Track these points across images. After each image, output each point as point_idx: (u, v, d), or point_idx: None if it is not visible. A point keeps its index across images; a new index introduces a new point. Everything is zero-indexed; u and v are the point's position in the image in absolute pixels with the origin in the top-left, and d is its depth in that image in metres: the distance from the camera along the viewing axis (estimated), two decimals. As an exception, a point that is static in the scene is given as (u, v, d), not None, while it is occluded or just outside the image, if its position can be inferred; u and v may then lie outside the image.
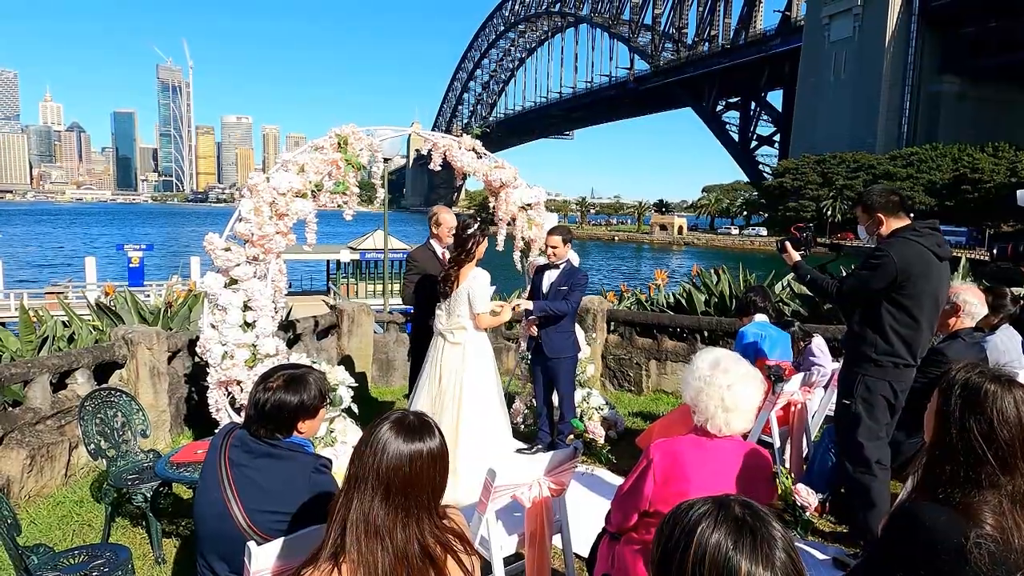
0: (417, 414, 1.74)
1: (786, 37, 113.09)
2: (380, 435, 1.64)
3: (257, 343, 4.80)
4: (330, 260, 35.03)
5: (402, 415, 1.70)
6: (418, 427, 1.68)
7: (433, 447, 1.68)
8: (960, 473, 1.54)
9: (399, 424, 1.67)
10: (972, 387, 1.59)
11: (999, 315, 4.30)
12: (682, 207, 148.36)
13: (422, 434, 1.67)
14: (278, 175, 4.90)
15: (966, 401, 1.58)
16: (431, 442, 1.68)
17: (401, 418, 1.69)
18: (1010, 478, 1.50)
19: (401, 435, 1.65)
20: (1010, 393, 1.55)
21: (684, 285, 8.75)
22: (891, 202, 3.36)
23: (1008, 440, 1.51)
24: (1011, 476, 1.50)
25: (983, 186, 73.56)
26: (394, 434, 1.64)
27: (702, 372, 2.26)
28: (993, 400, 1.54)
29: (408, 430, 1.66)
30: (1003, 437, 1.51)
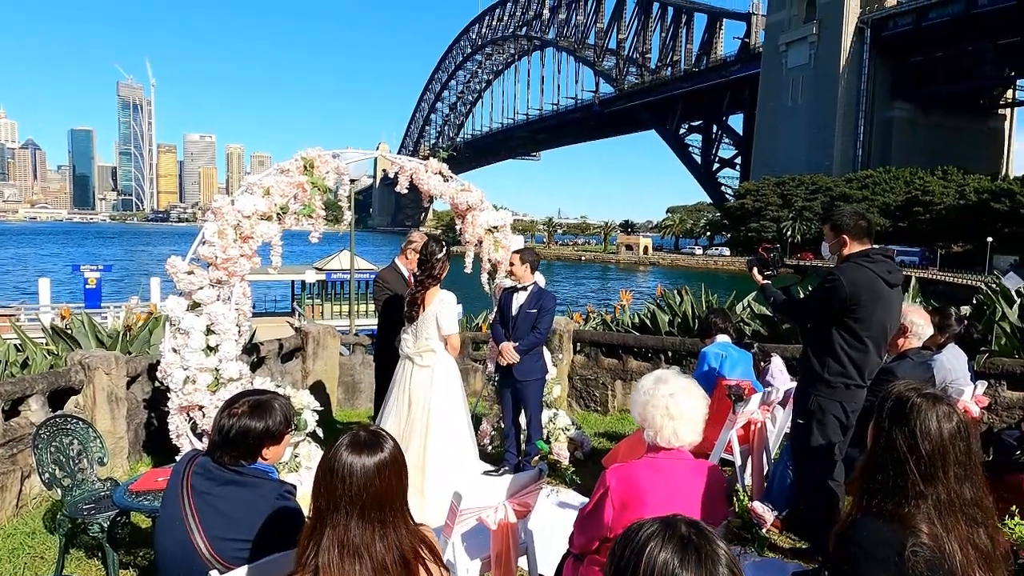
0: (363, 427, 1.79)
1: (745, 63, 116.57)
2: (343, 461, 1.67)
3: (220, 367, 4.74)
4: (295, 281, 34.54)
5: (352, 435, 1.75)
6: (373, 439, 1.74)
7: (394, 453, 1.75)
8: (889, 483, 1.64)
9: (355, 444, 1.71)
10: (900, 401, 1.70)
11: (945, 335, 4.48)
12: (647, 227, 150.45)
13: (380, 444, 1.73)
14: (243, 198, 4.88)
15: (894, 414, 1.69)
16: (390, 449, 1.74)
17: (354, 438, 1.74)
18: (933, 488, 1.60)
19: (363, 453, 1.69)
20: (934, 409, 1.65)
21: (648, 306, 8.90)
22: (859, 226, 3.47)
23: (929, 452, 1.61)
24: (934, 486, 1.60)
25: (934, 208, 76.29)
26: (355, 455, 1.68)
27: (646, 387, 2.37)
28: (917, 414, 1.65)
29: (366, 446, 1.72)
30: (925, 449, 1.62)
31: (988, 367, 5.58)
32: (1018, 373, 5.58)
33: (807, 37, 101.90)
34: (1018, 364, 5.63)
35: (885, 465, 1.67)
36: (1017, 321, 6.02)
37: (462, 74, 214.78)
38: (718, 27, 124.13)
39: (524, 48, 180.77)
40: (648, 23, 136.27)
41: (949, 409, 1.68)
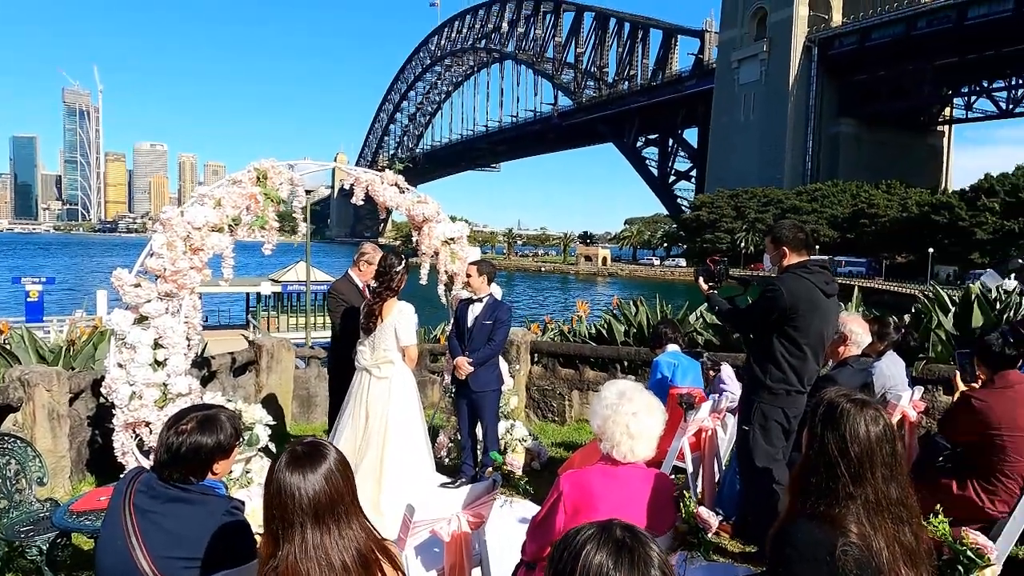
0: (299, 441, 1.80)
1: (700, 79, 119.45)
2: (287, 480, 1.68)
3: (168, 382, 4.63)
4: (250, 293, 33.81)
5: (290, 453, 1.75)
6: (312, 451, 1.75)
7: (336, 458, 1.76)
8: (822, 485, 1.72)
9: (295, 460, 1.72)
10: (831, 406, 1.79)
11: (884, 342, 4.67)
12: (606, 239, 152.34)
13: (320, 455, 1.74)
14: (193, 209, 4.80)
15: (825, 419, 1.78)
16: (332, 456, 1.76)
17: (292, 455, 1.74)
18: (862, 489, 1.69)
19: (305, 468, 1.70)
20: (862, 413, 1.75)
21: (605, 316, 9.02)
22: (797, 238, 3.64)
23: (858, 455, 1.70)
24: (863, 487, 1.69)
25: (879, 220, 79.28)
26: (298, 472, 1.69)
27: (609, 401, 2.39)
28: (847, 418, 1.74)
29: (307, 458, 1.73)
30: (854, 452, 1.71)
31: (925, 373, 5.83)
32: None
33: (758, 55, 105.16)
34: (952, 370, 5.88)
35: (818, 468, 1.75)
36: (952, 329, 6.31)
37: (421, 85, 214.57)
38: (673, 43, 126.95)
39: (483, 60, 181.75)
40: (605, 38, 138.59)
41: (876, 413, 1.77)
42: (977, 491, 3.30)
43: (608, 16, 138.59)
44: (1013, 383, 3.32)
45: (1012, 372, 3.36)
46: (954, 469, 3.63)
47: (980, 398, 3.34)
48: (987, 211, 66.62)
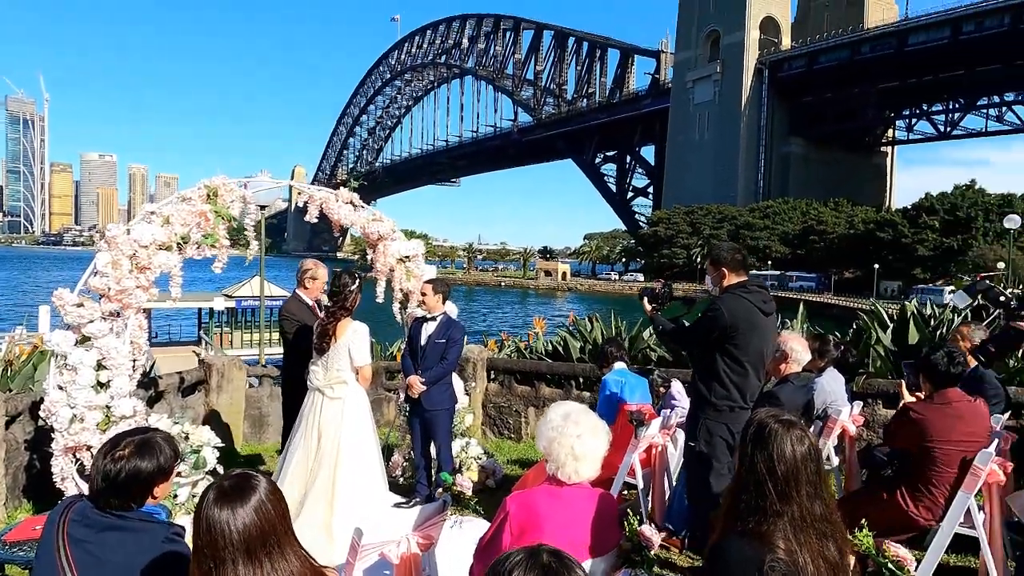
0: (225, 475, 1.78)
1: (656, 97, 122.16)
2: (216, 517, 1.65)
3: (111, 404, 4.51)
4: (202, 308, 32.95)
5: (217, 488, 1.72)
6: (239, 484, 1.72)
7: (266, 489, 1.73)
8: (752, 503, 1.80)
9: (223, 495, 1.69)
10: (760, 427, 1.88)
11: (825, 359, 4.85)
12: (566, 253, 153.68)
13: (249, 487, 1.72)
14: (140, 227, 4.71)
15: (755, 439, 1.86)
16: (261, 487, 1.73)
17: (220, 490, 1.71)
18: (788, 507, 1.77)
19: (234, 502, 1.68)
20: (788, 433, 1.84)
21: (560, 333, 9.11)
22: (735, 260, 3.80)
23: (784, 473, 1.79)
24: (789, 505, 1.77)
25: (828, 237, 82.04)
26: (226, 507, 1.67)
27: (555, 423, 2.44)
28: (774, 438, 1.83)
29: (236, 491, 1.70)
30: (780, 471, 1.80)
31: (865, 388, 6.06)
32: (891, 392, 6.08)
33: (711, 75, 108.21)
34: (891, 384, 6.13)
35: (748, 486, 1.83)
36: (890, 344, 6.58)
37: (381, 99, 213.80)
38: (630, 63, 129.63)
39: (443, 75, 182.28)
40: (564, 56, 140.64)
41: (801, 433, 1.87)
42: (906, 499, 3.45)
43: (567, 35, 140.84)
44: (951, 400, 3.50)
45: (952, 390, 3.54)
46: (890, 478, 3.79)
47: (919, 411, 3.52)
48: (928, 229, 69.64)
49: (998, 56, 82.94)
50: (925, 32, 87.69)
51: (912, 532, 3.53)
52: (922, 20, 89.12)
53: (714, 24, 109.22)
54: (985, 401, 3.78)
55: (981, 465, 3.34)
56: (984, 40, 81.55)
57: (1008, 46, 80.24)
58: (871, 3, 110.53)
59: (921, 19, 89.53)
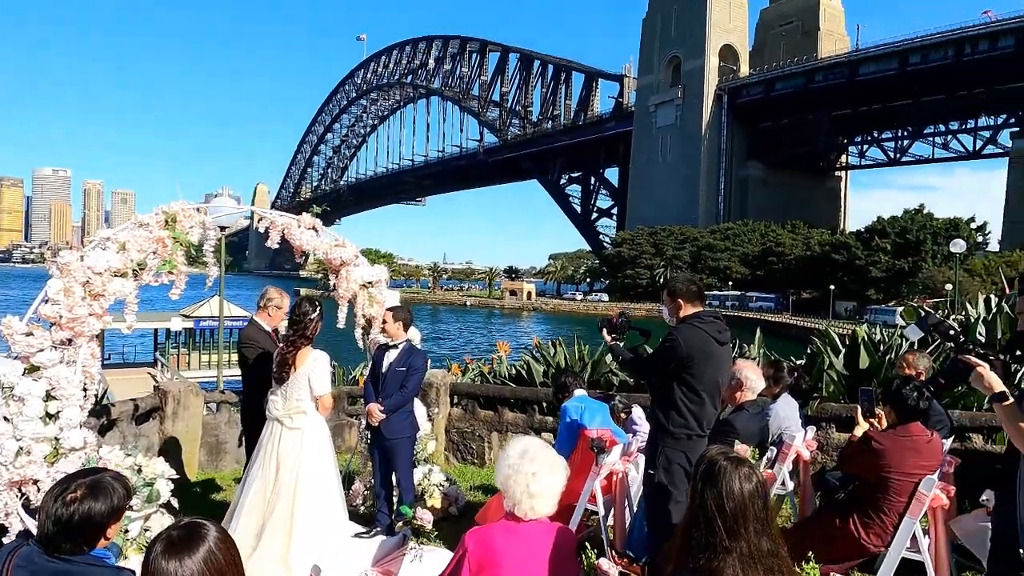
0: (175, 525, 1.76)
1: (619, 120, 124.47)
2: (165, 569, 1.63)
3: (60, 436, 4.36)
4: (159, 328, 32.03)
5: (165, 538, 1.69)
6: (188, 534, 1.69)
7: (216, 539, 1.70)
8: (703, 540, 1.85)
9: (171, 547, 1.67)
10: (710, 464, 1.94)
11: (779, 385, 4.99)
12: (531, 273, 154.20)
13: (198, 537, 1.69)
14: (94, 254, 4.60)
15: (705, 475, 1.92)
16: (211, 537, 1.70)
17: (168, 541, 1.68)
18: (737, 543, 1.83)
19: (182, 554, 1.65)
20: (736, 471, 1.91)
21: (524, 357, 9.15)
22: (691, 291, 3.90)
23: (732, 510, 1.85)
24: (737, 541, 1.83)
25: (786, 258, 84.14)
26: (174, 559, 1.64)
27: (511, 460, 2.46)
28: (723, 475, 1.89)
29: (184, 542, 1.67)
30: (729, 507, 1.85)
31: (819, 412, 6.23)
32: (844, 417, 6.25)
33: (673, 100, 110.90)
34: (844, 408, 6.31)
35: (699, 523, 1.89)
36: (842, 369, 6.78)
37: (346, 118, 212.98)
38: (594, 86, 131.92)
39: (409, 95, 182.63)
40: (530, 79, 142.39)
41: (749, 471, 1.93)
42: (857, 526, 3.56)
43: (532, 58, 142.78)
44: (912, 434, 3.63)
45: (915, 424, 3.67)
46: (843, 503, 3.90)
47: (880, 442, 3.63)
48: (880, 251, 72.02)
49: (942, 87, 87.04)
50: (875, 63, 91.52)
51: (863, 558, 3.63)
52: (872, 51, 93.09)
53: (675, 50, 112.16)
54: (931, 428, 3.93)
55: (925, 491, 3.47)
56: (929, 72, 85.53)
57: (951, 78, 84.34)
58: (823, 34, 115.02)
59: (871, 50, 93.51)
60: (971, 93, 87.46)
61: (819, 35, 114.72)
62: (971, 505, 4.36)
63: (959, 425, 5.38)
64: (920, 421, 3.72)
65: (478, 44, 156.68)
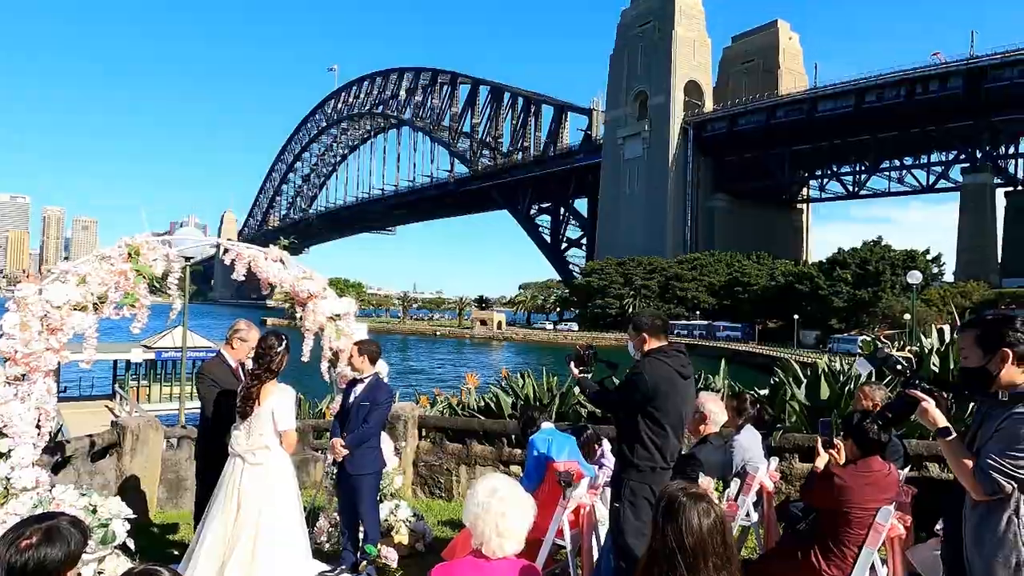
0: (128, 572, 1.77)
1: (588, 152, 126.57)
2: None
3: (11, 476, 4.23)
4: (119, 359, 31.08)
5: None
6: None
7: None
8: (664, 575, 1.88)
9: None
10: (670, 500, 1.97)
11: (742, 417, 5.07)
12: (501, 303, 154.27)
13: None
14: (53, 287, 4.52)
15: (665, 511, 1.96)
16: None
17: None
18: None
19: None
20: (696, 506, 1.95)
21: (493, 388, 9.14)
22: (655, 325, 3.98)
23: (692, 545, 1.89)
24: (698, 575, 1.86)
25: (751, 288, 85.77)
26: None
27: (480, 499, 2.47)
28: (682, 510, 1.93)
29: None
30: (688, 542, 1.89)
31: (782, 442, 6.34)
32: (807, 447, 6.37)
33: (640, 133, 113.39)
34: (807, 439, 6.43)
35: (660, 559, 1.92)
36: (804, 400, 6.93)
37: (316, 146, 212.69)
38: (563, 118, 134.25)
39: (380, 125, 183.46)
40: (500, 110, 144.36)
41: (708, 506, 1.97)
42: (818, 558, 3.62)
43: (503, 90, 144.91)
44: (873, 469, 3.70)
45: (874, 458, 3.74)
46: (805, 536, 3.96)
47: (841, 476, 3.68)
48: (841, 281, 73.90)
49: (896, 124, 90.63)
50: (833, 100, 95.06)
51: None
52: (829, 89, 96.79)
53: (642, 86, 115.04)
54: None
55: (882, 521, 3.55)
56: (884, 109, 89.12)
57: (904, 115, 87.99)
58: (784, 72, 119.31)
59: (829, 88, 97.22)
60: (924, 130, 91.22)
61: (779, 73, 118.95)
62: (927, 534, 4.46)
63: (915, 454, 5.53)
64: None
65: (449, 76, 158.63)
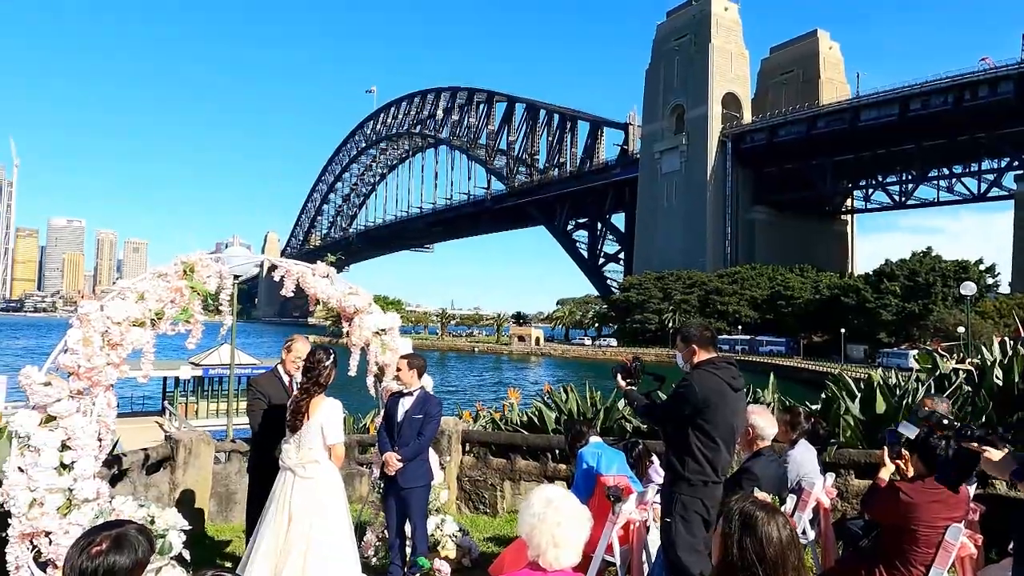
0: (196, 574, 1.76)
1: (625, 167, 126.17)
2: None
3: (74, 487, 4.36)
4: (168, 376, 32.04)
5: None
6: None
7: None
8: None
9: None
10: (746, 514, 1.94)
11: (796, 432, 4.93)
12: (539, 319, 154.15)
13: None
14: (113, 304, 4.68)
15: (743, 524, 1.93)
16: None
17: None
18: None
19: None
20: (774, 520, 1.92)
21: (536, 403, 9.09)
22: (704, 337, 3.92)
23: (773, 557, 1.86)
24: None
25: (795, 302, 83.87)
26: None
27: (535, 509, 2.44)
28: (762, 525, 1.90)
29: None
30: (770, 554, 1.86)
31: (838, 458, 6.13)
32: (863, 463, 6.16)
33: (678, 147, 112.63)
34: (863, 454, 6.22)
35: (735, 571, 1.88)
36: (859, 414, 6.70)
37: (356, 167, 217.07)
38: (599, 134, 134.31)
39: (418, 145, 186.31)
40: (536, 128, 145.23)
41: (785, 520, 1.95)
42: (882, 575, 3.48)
43: (538, 108, 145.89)
44: (941, 486, 3.55)
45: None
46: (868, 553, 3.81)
47: (908, 493, 3.55)
48: (890, 294, 71.73)
49: (944, 132, 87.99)
50: (876, 109, 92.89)
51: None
52: (873, 98, 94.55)
53: (679, 99, 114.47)
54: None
55: (952, 540, 3.40)
56: (930, 117, 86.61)
57: (952, 123, 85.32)
58: (824, 82, 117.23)
59: (872, 96, 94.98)
60: (973, 137, 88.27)
61: (820, 83, 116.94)
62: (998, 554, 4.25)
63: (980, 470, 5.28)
64: None
65: (485, 95, 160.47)
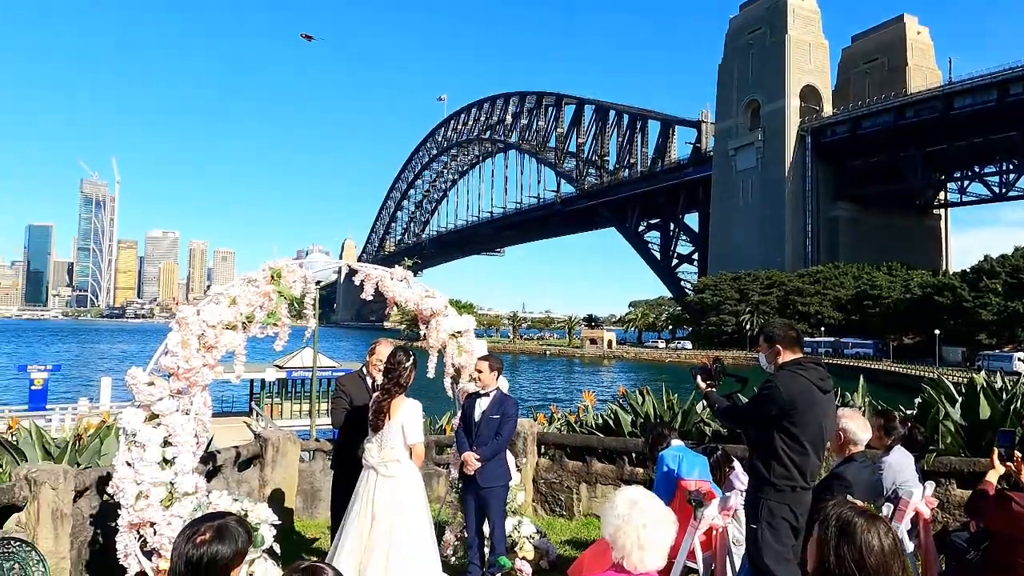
0: (296, 568, 1.90)
1: (698, 166, 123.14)
2: None
3: (175, 480, 4.63)
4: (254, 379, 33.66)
5: None
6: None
7: None
8: None
9: None
10: (844, 521, 1.86)
11: (891, 437, 4.66)
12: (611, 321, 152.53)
13: None
14: (208, 307, 4.94)
15: (841, 531, 1.84)
16: None
17: None
18: None
19: None
20: (874, 526, 1.83)
21: (611, 406, 8.99)
22: (789, 336, 3.78)
23: (874, 565, 1.77)
24: None
25: (883, 302, 79.44)
26: None
27: (620, 511, 2.41)
28: (861, 532, 1.81)
29: None
30: (870, 563, 1.77)
31: (937, 466, 5.76)
32: (966, 472, 5.76)
33: (753, 143, 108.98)
34: (965, 463, 5.82)
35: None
36: (960, 420, 6.27)
37: (428, 173, 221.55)
38: (671, 132, 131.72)
39: (488, 150, 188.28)
40: (605, 129, 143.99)
41: (886, 527, 1.86)
42: (997, 592, 3.24)
43: (608, 109, 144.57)
44: None
45: None
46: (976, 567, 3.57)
47: (1020, 502, 3.31)
48: (990, 292, 66.84)
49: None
50: (971, 95, 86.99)
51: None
52: (967, 83, 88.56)
53: (754, 94, 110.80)
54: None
55: (1073, 556, 3.13)
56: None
57: (1060, 106, 78.80)
58: (912, 69, 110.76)
59: (966, 82, 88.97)
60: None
61: (907, 70, 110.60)
62: None
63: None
64: None
65: (554, 98, 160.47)
